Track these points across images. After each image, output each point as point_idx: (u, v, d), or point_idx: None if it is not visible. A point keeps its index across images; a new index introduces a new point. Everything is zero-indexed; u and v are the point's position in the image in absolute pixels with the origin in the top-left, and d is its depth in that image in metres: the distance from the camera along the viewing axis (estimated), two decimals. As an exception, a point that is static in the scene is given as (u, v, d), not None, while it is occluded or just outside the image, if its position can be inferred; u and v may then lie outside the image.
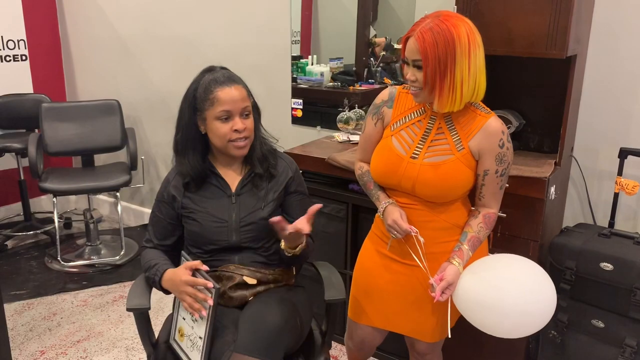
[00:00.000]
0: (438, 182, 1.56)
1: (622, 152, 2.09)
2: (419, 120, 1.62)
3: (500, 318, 1.49)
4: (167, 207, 1.72)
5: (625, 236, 2.00)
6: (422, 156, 1.58)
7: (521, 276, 1.52)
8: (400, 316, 1.73)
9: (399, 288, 1.71)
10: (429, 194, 1.58)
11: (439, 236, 1.62)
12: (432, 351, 1.83)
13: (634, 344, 1.86)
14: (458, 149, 1.56)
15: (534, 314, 1.50)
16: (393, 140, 1.63)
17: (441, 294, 1.52)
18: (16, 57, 3.88)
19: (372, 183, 1.72)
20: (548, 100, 2.23)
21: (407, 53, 1.50)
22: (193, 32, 3.42)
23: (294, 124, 3.07)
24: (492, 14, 1.96)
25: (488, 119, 1.55)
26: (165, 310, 2.83)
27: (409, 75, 1.51)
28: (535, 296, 1.49)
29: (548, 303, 1.51)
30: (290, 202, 1.75)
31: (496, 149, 1.54)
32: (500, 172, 1.57)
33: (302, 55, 3.01)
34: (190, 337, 1.57)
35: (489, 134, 1.54)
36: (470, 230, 1.60)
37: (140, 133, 3.88)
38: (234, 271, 1.65)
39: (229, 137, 1.60)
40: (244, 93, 1.62)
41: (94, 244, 3.62)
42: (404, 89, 1.67)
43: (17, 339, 2.68)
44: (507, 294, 1.47)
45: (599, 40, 2.16)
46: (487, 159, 1.56)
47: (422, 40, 1.44)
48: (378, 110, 1.69)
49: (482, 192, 1.60)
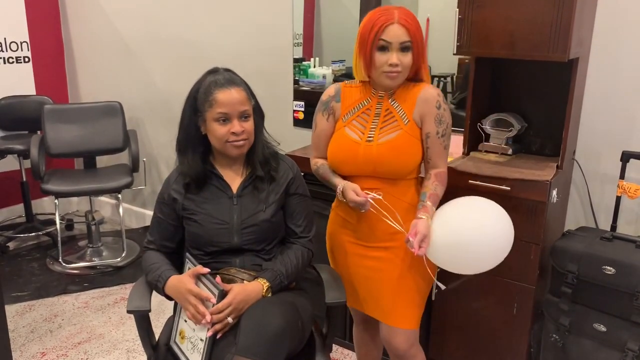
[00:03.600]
0: (395, 156, 1.69)
1: (624, 155, 2.08)
2: (367, 108, 1.75)
3: (465, 254, 1.63)
4: (168, 208, 1.72)
5: (627, 240, 2.00)
6: (377, 137, 1.71)
7: (477, 214, 1.67)
8: (371, 300, 1.83)
9: (369, 272, 1.80)
10: (390, 170, 1.71)
11: (401, 216, 1.69)
12: (409, 347, 1.82)
13: (635, 348, 1.85)
14: (405, 122, 1.71)
15: (492, 245, 1.64)
16: (346, 130, 1.75)
17: (419, 247, 1.60)
18: (19, 59, 3.89)
19: (328, 173, 1.81)
20: (550, 103, 2.23)
21: (392, 38, 1.60)
22: (195, 34, 3.42)
23: (296, 126, 3.06)
24: (494, 17, 1.96)
25: (422, 87, 1.71)
26: (166, 312, 2.82)
27: (394, 59, 1.61)
28: (491, 229, 1.64)
29: (504, 232, 1.66)
30: (291, 204, 1.75)
31: (434, 111, 1.69)
32: (441, 133, 1.71)
33: (305, 57, 3.01)
34: (191, 340, 1.57)
35: (426, 99, 1.69)
36: (427, 190, 1.72)
37: (142, 135, 3.88)
38: (235, 275, 1.64)
39: (226, 138, 1.61)
40: (243, 96, 1.62)
41: (95, 245, 3.62)
42: (345, 82, 1.82)
43: (18, 340, 2.68)
44: (466, 230, 1.62)
45: (601, 43, 2.15)
46: (427, 122, 1.70)
47: (409, 24, 1.60)
48: (327, 106, 1.80)
49: (429, 154, 1.73)
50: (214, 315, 1.51)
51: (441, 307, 2.23)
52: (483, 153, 2.25)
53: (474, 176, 2.04)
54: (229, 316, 1.52)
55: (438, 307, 2.24)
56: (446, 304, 2.21)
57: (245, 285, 1.59)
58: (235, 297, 1.53)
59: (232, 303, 1.52)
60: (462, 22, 2.02)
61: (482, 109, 2.27)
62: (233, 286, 1.57)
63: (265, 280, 1.61)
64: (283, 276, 1.64)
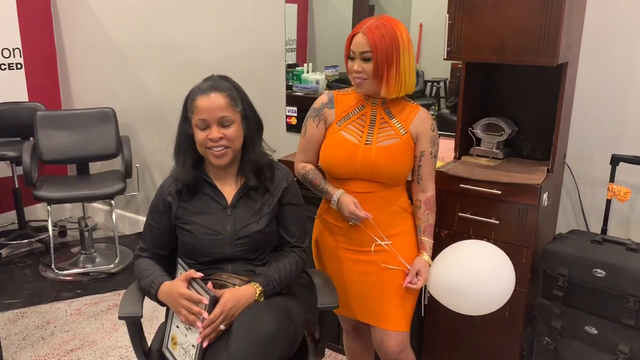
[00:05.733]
0: (393, 162, 1.74)
1: (614, 158, 2.10)
2: (362, 114, 1.79)
3: (464, 298, 1.72)
4: (162, 216, 1.71)
5: (617, 242, 2.01)
6: (375, 140, 1.75)
7: (480, 259, 1.74)
8: (363, 305, 1.84)
9: (362, 277, 1.83)
10: (387, 174, 1.75)
11: (393, 220, 1.80)
12: (402, 350, 1.84)
13: (627, 350, 1.86)
14: (402, 133, 1.76)
15: (493, 291, 1.72)
16: (343, 133, 1.78)
17: (409, 282, 1.75)
18: (11, 66, 3.89)
19: (318, 179, 1.83)
20: (540, 108, 2.25)
21: (355, 47, 1.68)
22: (188, 40, 3.43)
23: (289, 132, 3.07)
24: (483, 22, 1.98)
25: (419, 108, 1.79)
26: (159, 318, 2.81)
27: (356, 67, 1.68)
28: (492, 276, 1.71)
29: (506, 281, 1.72)
30: (285, 213, 1.74)
31: (429, 132, 1.77)
32: (434, 154, 1.80)
33: (298, 63, 3.02)
34: (183, 346, 1.57)
35: (423, 119, 1.77)
36: (421, 222, 1.82)
37: (135, 141, 3.88)
38: (226, 280, 1.64)
39: (205, 144, 1.61)
40: (224, 102, 1.60)
41: (88, 252, 3.61)
42: (337, 90, 1.85)
43: (10, 348, 2.66)
44: (467, 276, 1.70)
45: (591, 47, 2.17)
46: (423, 141, 1.77)
47: (372, 34, 1.64)
48: (319, 113, 1.82)
49: (420, 173, 1.80)
50: (206, 329, 1.51)
51: (433, 311, 2.22)
52: (474, 157, 2.27)
53: (466, 180, 2.05)
54: (221, 324, 1.53)
55: (430, 311, 2.23)
56: (439, 307, 2.21)
57: (237, 290, 1.59)
58: (226, 304, 1.53)
59: (224, 311, 1.52)
60: (452, 27, 2.04)
61: (473, 114, 2.28)
62: (224, 292, 1.56)
63: (259, 284, 1.61)
64: (276, 282, 1.64)
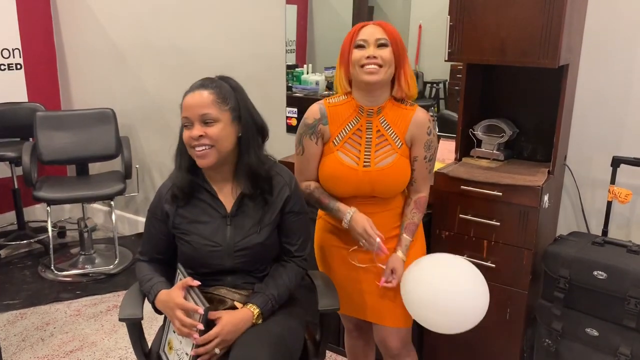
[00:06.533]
0: (394, 180, 1.72)
1: (614, 160, 2.10)
2: (357, 128, 1.72)
3: (437, 316, 1.65)
4: (160, 224, 1.67)
5: (618, 244, 2.01)
6: (373, 162, 1.71)
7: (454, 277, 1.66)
8: (364, 304, 1.84)
9: (362, 275, 1.82)
10: (388, 191, 1.74)
11: (393, 222, 1.80)
12: (403, 345, 1.85)
13: (628, 352, 1.86)
14: (398, 146, 1.72)
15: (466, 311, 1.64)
16: (340, 154, 1.72)
17: (385, 281, 1.73)
18: (11, 66, 3.88)
19: (325, 197, 1.77)
20: (541, 109, 2.24)
21: (367, 35, 1.62)
22: (188, 41, 3.43)
23: (289, 133, 3.07)
24: (484, 24, 1.98)
25: (414, 111, 1.72)
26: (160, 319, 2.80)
27: (371, 51, 1.59)
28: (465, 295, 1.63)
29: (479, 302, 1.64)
30: (287, 222, 1.67)
31: (425, 137, 1.72)
32: (428, 158, 1.75)
33: (298, 64, 3.02)
34: (178, 352, 1.56)
35: (419, 124, 1.71)
36: (405, 219, 1.79)
37: (135, 141, 3.87)
38: (225, 295, 1.61)
39: (189, 143, 1.55)
40: (208, 99, 1.52)
41: (88, 253, 3.60)
42: (327, 102, 1.75)
43: (9, 349, 2.65)
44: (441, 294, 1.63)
45: (591, 49, 2.17)
46: (417, 146, 1.73)
47: (386, 25, 1.62)
48: (315, 130, 1.74)
49: (414, 177, 1.77)
50: (199, 349, 1.48)
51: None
52: (475, 159, 2.26)
53: (466, 182, 2.05)
54: (217, 347, 1.49)
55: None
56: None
57: (234, 314, 1.53)
58: (223, 329, 1.49)
59: (220, 334, 1.48)
60: (453, 28, 2.04)
61: (474, 115, 2.28)
62: (222, 316, 1.52)
63: (256, 306, 1.56)
64: (274, 300, 1.59)
